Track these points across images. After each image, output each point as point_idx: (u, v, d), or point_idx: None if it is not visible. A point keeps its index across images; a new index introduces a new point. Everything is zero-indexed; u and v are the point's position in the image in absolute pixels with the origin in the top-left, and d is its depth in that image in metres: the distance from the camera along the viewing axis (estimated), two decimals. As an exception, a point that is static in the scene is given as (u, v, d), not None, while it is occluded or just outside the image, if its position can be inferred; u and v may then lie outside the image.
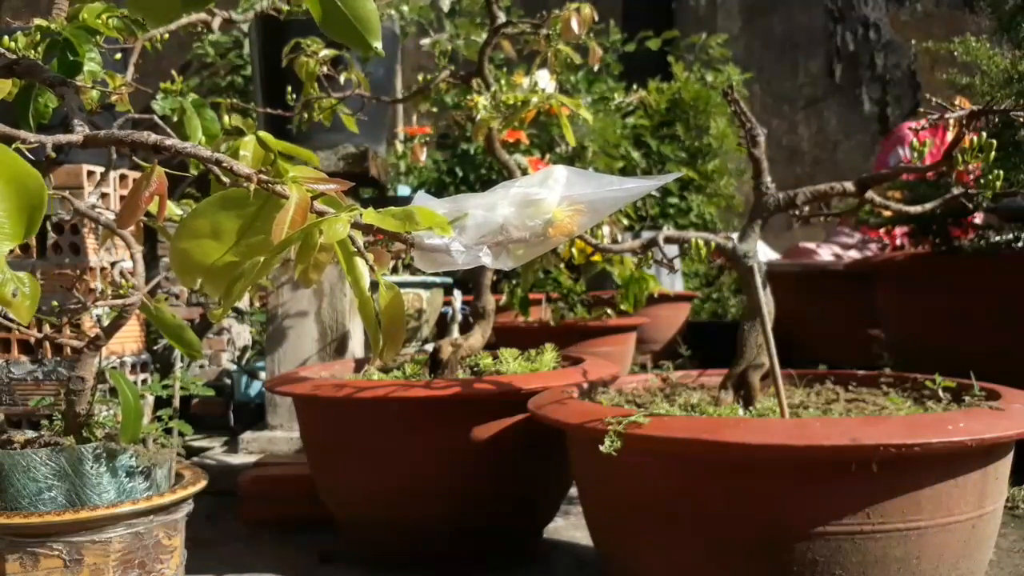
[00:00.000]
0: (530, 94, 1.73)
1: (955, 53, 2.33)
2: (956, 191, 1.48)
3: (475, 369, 1.84)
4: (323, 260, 0.45)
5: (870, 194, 1.44)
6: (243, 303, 3.19)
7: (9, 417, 2.07)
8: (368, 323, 0.48)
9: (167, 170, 0.72)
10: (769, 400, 1.43)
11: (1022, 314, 2.17)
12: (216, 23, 1.58)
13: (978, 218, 2.48)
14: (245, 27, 3.75)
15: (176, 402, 1.50)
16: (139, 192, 0.59)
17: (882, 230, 3.18)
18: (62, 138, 0.49)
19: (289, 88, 2.06)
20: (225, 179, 0.46)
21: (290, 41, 1.94)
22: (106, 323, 1.39)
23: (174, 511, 1.36)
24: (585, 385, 1.57)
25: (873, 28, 6.09)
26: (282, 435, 2.37)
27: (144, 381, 2.30)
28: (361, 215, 0.40)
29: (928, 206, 1.51)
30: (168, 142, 0.50)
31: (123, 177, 2.28)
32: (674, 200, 4.54)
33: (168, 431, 1.46)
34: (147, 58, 1.49)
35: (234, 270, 0.45)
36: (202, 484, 1.41)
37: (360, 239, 0.49)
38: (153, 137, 0.47)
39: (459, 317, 2.28)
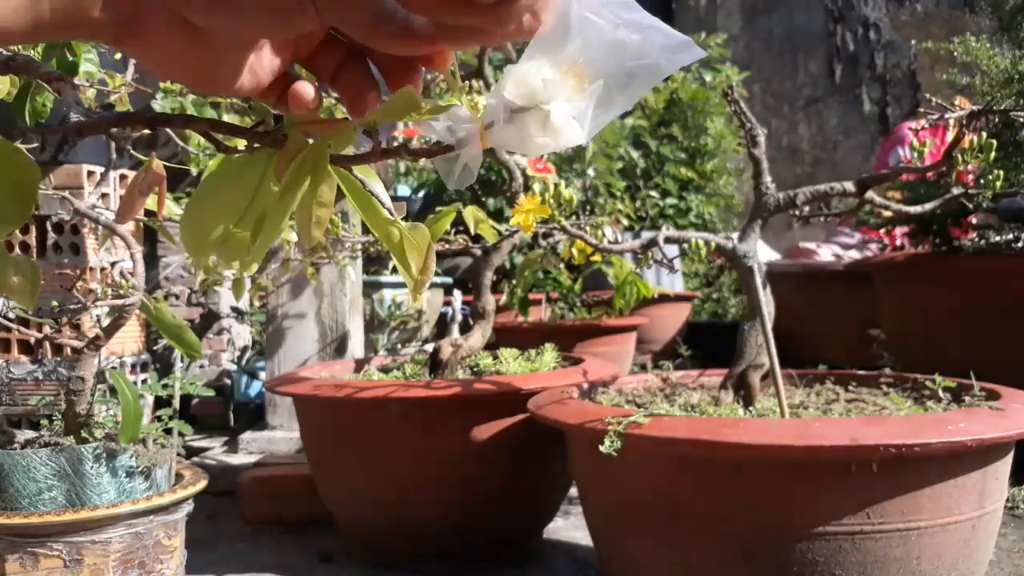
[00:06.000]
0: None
1: (955, 53, 2.33)
2: (956, 191, 1.48)
3: (475, 369, 1.84)
4: (323, 216, 0.45)
5: (870, 194, 1.44)
6: (243, 303, 3.19)
7: (9, 417, 2.07)
8: (395, 249, 0.47)
9: (166, 163, 0.72)
10: (769, 400, 1.43)
11: (1022, 314, 2.17)
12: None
13: (975, 218, 2.48)
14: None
15: (176, 402, 1.50)
16: (137, 186, 0.59)
17: (882, 230, 3.18)
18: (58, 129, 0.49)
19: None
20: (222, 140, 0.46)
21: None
22: (106, 323, 1.39)
23: (174, 511, 1.36)
24: (585, 385, 1.57)
25: (873, 28, 6.09)
26: (282, 435, 2.37)
27: (144, 381, 2.30)
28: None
29: (928, 206, 1.51)
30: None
31: (123, 177, 2.28)
32: (673, 200, 4.55)
33: (168, 431, 1.46)
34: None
35: (244, 240, 0.45)
36: (202, 484, 1.41)
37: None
38: (149, 114, 0.46)
39: (459, 317, 2.28)
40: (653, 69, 0.38)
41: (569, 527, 1.92)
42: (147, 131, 1.40)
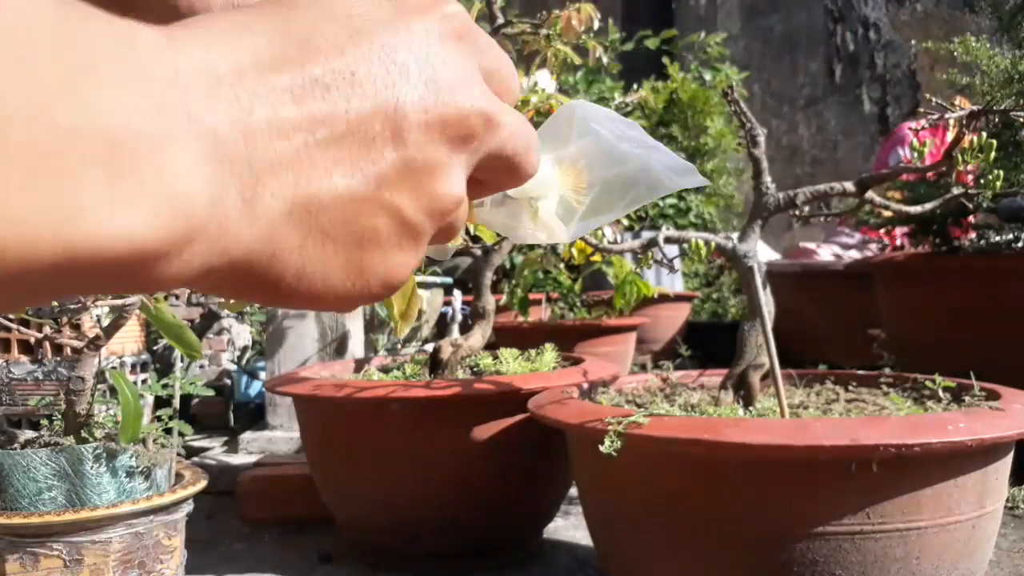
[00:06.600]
0: (530, 93, 1.73)
1: (955, 53, 2.33)
2: (956, 191, 1.48)
3: (475, 369, 1.84)
4: None
5: (870, 194, 1.44)
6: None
7: (9, 417, 2.07)
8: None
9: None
10: (769, 400, 1.43)
11: (1022, 314, 2.17)
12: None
13: (975, 218, 2.48)
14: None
15: (176, 402, 1.50)
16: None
17: (882, 230, 3.18)
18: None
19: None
20: None
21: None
22: (106, 323, 1.40)
23: (174, 511, 1.36)
24: (585, 385, 1.57)
25: (873, 28, 6.09)
26: (282, 435, 2.37)
27: (144, 381, 2.30)
28: None
29: (928, 206, 1.51)
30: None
31: (123, 177, 2.28)
32: (673, 200, 4.54)
33: (168, 431, 1.46)
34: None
35: None
36: (202, 484, 1.41)
37: None
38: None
39: (459, 317, 2.28)
40: (654, 183, 0.38)
41: (569, 527, 1.92)
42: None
